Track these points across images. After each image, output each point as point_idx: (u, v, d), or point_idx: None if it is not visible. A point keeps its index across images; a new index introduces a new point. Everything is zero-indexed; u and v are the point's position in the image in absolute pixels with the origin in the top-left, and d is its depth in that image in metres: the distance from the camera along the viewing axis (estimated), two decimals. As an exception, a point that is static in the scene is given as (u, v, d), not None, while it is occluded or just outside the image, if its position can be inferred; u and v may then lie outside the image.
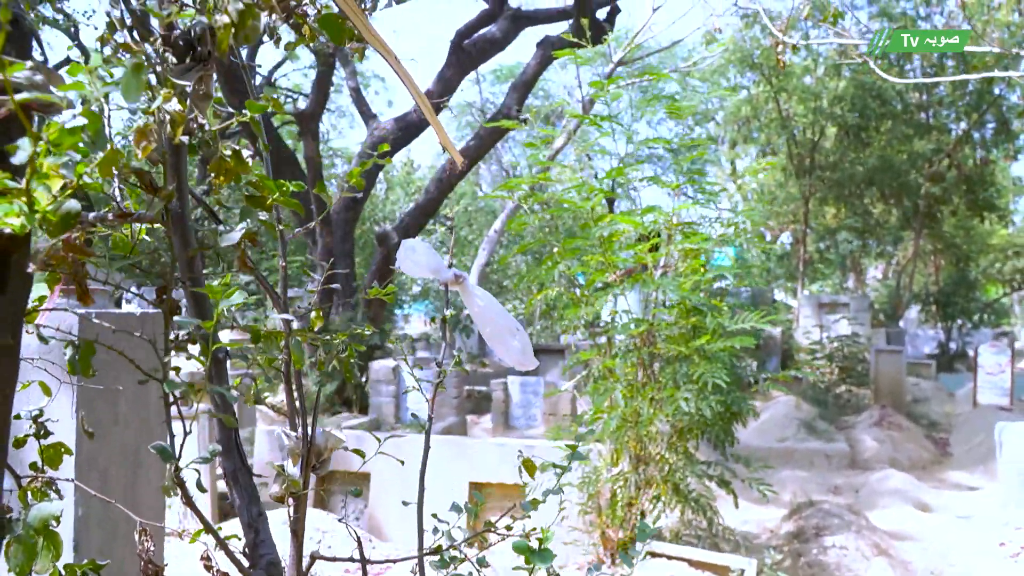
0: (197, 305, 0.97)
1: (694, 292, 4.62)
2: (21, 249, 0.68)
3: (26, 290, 0.72)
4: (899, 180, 15.58)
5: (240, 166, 0.91)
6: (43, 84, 0.68)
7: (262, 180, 0.96)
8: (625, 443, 4.73)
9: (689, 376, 4.47)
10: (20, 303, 0.71)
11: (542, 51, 10.81)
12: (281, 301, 1.32)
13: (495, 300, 1.48)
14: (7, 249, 0.66)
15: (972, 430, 9.22)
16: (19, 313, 0.71)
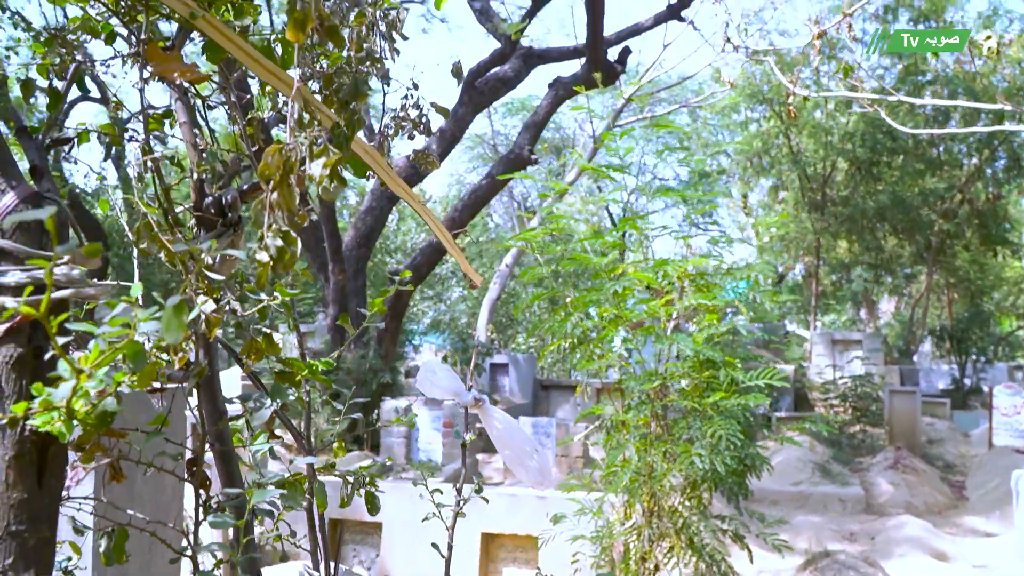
0: (227, 471, 1.00)
1: (708, 346, 4.63)
2: (58, 442, 0.72)
3: (61, 483, 0.75)
4: (911, 216, 15.57)
5: (270, 347, 0.95)
6: (80, 278, 0.72)
7: (292, 362, 1.00)
8: (638, 497, 4.72)
9: (703, 432, 4.47)
10: (56, 495, 0.74)
11: (554, 92, 10.92)
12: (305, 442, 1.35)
13: (513, 421, 1.51)
14: (45, 443, 0.70)
15: (988, 473, 9.14)
16: (55, 505, 0.75)
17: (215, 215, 0.94)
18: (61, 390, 0.66)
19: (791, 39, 16.54)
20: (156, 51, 0.89)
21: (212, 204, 0.94)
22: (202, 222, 0.93)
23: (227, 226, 0.94)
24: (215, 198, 0.95)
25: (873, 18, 15.87)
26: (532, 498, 5.44)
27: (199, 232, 0.93)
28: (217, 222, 0.94)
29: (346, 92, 0.99)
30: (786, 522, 6.21)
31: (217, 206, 0.94)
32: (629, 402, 4.98)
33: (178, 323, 0.66)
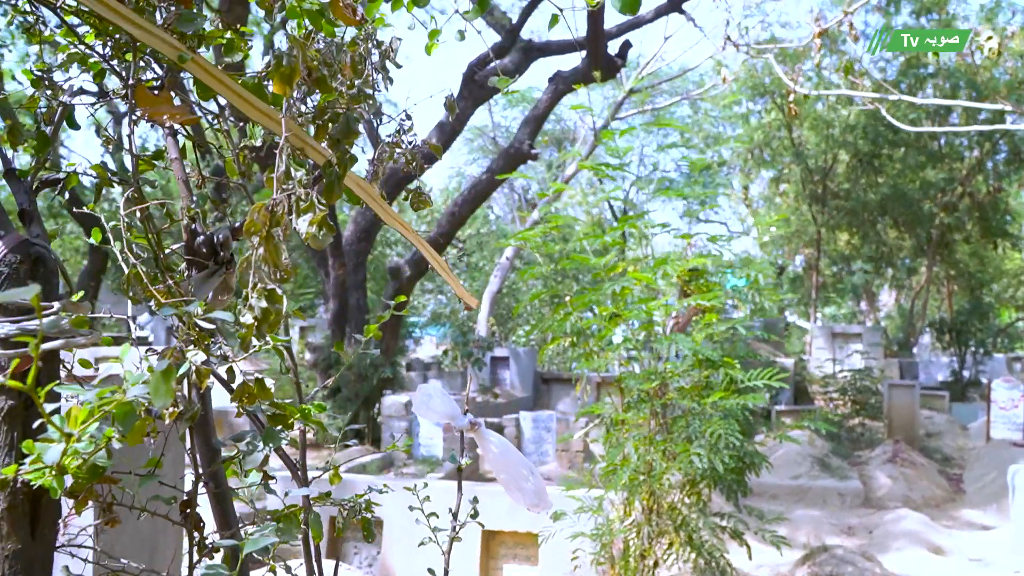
0: (222, 511, 1.01)
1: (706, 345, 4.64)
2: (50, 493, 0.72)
3: (54, 532, 0.76)
4: (911, 209, 15.56)
5: (262, 392, 0.95)
6: (70, 330, 0.72)
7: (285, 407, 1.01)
8: (638, 494, 4.74)
9: (702, 431, 4.50)
10: (50, 544, 0.75)
11: (554, 86, 10.89)
12: (300, 474, 1.36)
13: (510, 444, 1.52)
14: (37, 494, 0.71)
15: (985, 466, 9.17)
16: (49, 554, 0.75)
17: (207, 254, 0.94)
18: (51, 453, 0.67)
19: (793, 31, 16.52)
20: (145, 93, 0.90)
21: (204, 243, 0.95)
22: (193, 262, 0.94)
23: (219, 264, 0.94)
24: (207, 237, 0.95)
25: (876, 10, 15.82)
26: (531, 495, 5.44)
27: (191, 272, 0.93)
28: (209, 261, 0.95)
29: (337, 130, 0.99)
30: (785, 519, 6.24)
31: (209, 245, 0.95)
32: (628, 400, 5.01)
33: (167, 388, 0.67)
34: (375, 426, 10.58)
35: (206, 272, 0.94)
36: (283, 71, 0.88)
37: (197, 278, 0.94)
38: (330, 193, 0.97)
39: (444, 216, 11.25)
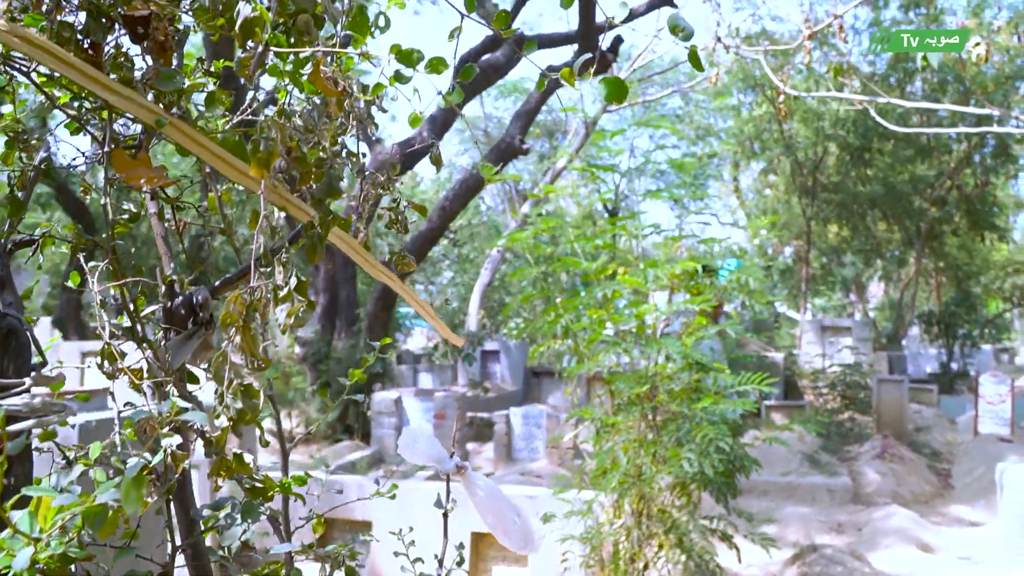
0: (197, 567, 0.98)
1: (697, 349, 4.64)
2: None
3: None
4: (901, 203, 15.62)
5: (241, 467, 0.93)
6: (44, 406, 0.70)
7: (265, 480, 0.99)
8: (627, 498, 4.75)
9: (692, 435, 4.50)
10: None
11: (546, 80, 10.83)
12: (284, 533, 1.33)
13: (497, 488, 1.50)
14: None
15: (973, 461, 9.23)
16: None
17: (185, 316, 0.92)
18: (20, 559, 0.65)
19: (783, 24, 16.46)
20: (122, 157, 0.87)
21: (182, 304, 0.92)
22: (172, 324, 0.91)
23: (198, 325, 0.92)
24: (185, 297, 0.93)
25: (865, 3, 15.78)
26: (523, 498, 5.46)
27: (169, 335, 0.90)
28: (188, 322, 0.92)
29: (319, 190, 0.97)
30: (774, 520, 6.26)
31: (187, 306, 0.92)
32: (619, 402, 5.00)
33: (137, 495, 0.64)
34: (365, 420, 10.56)
35: (184, 335, 0.92)
36: (260, 156, 0.85)
37: (175, 342, 0.91)
38: (312, 255, 0.95)
39: (435, 211, 11.20)
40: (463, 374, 13.70)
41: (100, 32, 0.86)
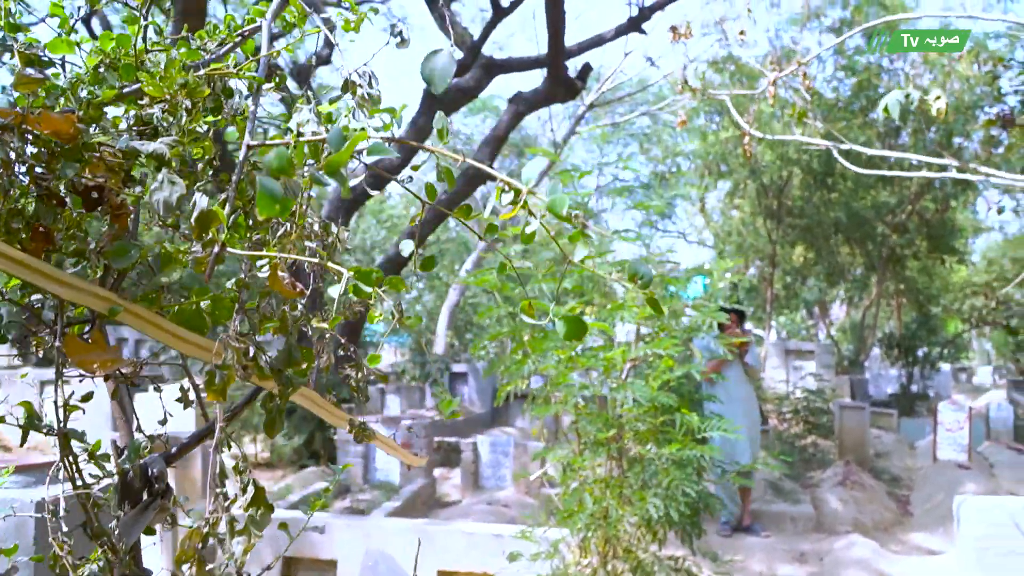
0: None
1: (663, 392, 4.66)
2: None
3: None
4: (864, 228, 15.90)
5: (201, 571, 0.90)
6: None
7: None
8: (593, 539, 4.75)
9: (659, 480, 4.52)
10: None
11: (515, 107, 10.89)
12: None
13: None
14: None
15: (932, 487, 9.38)
16: None
17: (140, 487, 0.90)
18: None
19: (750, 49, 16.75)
20: (74, 342, 0.85)
21: (138, 475, 0.90)
22: (126, 497, 0.89)
23: (154, 496, 0.90)
24: (140, 467, 0.91)
25: (829, 31, 16.12)
26: (488, 536, 5.44)
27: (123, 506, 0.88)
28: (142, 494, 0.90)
29: (279, 361, 0.96)
30: (738, 559, 6.30)
31: (143, 477, 0.90)
32: (585, 440, 5.02)
33: None
34: (331, 446, 10.45)
35: (139, 508, 0.90)
36: (216, 388, 0.84)
37: (129, 517, 0.89)
38: (271, 428, 0.94)
39: (403, 234, 11.16)
40: (431, 397, 13.65)
41: (51, 215, 0.84)
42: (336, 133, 0.86)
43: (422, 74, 0.93)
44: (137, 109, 0.93)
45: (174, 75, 0.89)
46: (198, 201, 0.86)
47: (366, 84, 0.97)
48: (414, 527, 5.63)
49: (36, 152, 0.82)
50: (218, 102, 1.00)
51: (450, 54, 0.90)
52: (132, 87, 0.93)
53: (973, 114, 15.41)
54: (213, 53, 1.00)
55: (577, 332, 0.90)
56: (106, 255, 0.85)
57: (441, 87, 0.91)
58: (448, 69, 0.90)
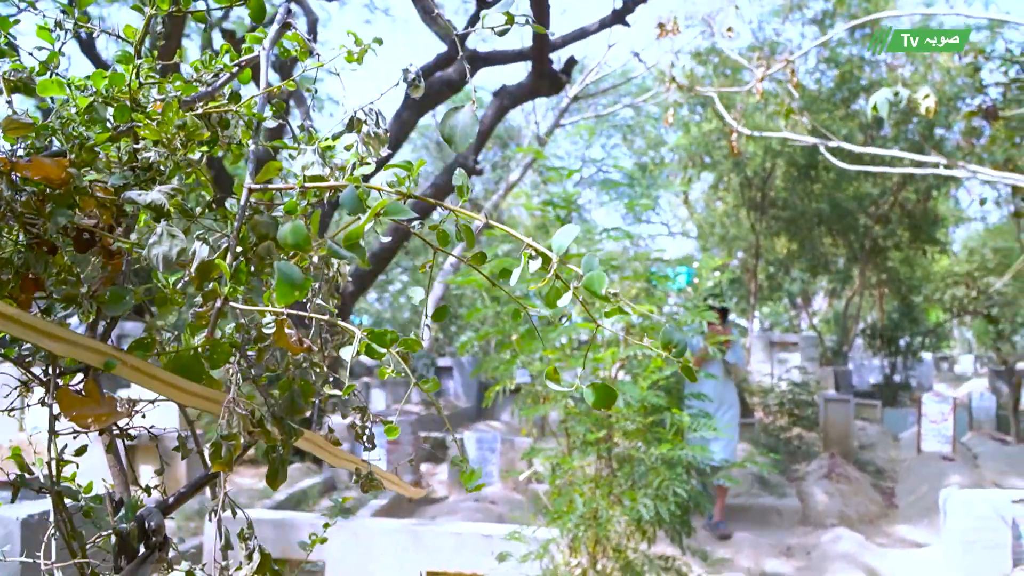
0: None
1: (652, 392, 4.65)
2: None
3: None
4: (846, 220, 15.99)
5: None
6: None
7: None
8: (583, 540, 4.75)
9: (649, 481, 4.52)
10: None
11: (499, 101, 10.83)
12: None
13: None
14: None
15: (916, 480, 9.46)
16: None
17: (137, 539, 0.87)
18: None
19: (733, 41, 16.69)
20: (68, 395, 0.81)
21: (134, 528, 0.87)
22: (123, 551, 0.86)
23: (151, 549, 0.87)
24: (137, 519, 0.88)
25: (812, 23, 16.14)
26: (477, 536, 5.43)
27: (120, 560, 0.85)
28: (139, 547, 0.87)
29: (281, 408, 0.93)
30: (727, 560, 6.32)
31: (140, 530, 0.87)
32: (574, 439, 5.01)
33: None
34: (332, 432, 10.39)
35: (137, 562, 0.87)
36: (222, 460, 0.80)
37: (127, 571, 0.86)
38: (273, 480, 0.91)
39: (390, 230, 11.08)
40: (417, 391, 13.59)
41: (42, 263, 0.80)
42: (350, 194, 0.83)
43: (442, 133, 0.89)
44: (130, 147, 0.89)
45: (172, 117, 0.85)
46: (198, 251, 0.82)
47: (372, 123, 0.94)
48: (403, 527, 5.60)
49: (25, 199, 0.78)
50: (215, 133, 0.96)
51: (472, 111, 0.87)
52: (126, 127, 0.89)
53: (955, 105, 15.49)
54: (209, 85, 0.96)
55: (607, 401, 0.87)
56: (99, 301, 0.81)
57: (463, 147, 0.88)
58: (471, 128, 0.87)
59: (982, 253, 22.74)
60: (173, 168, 0.89)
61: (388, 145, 5.32)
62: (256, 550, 0.91)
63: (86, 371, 0.82)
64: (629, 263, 5.82)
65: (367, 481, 1.11)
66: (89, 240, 0.83)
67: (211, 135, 0.95)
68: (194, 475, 0.99)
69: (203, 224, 0.86)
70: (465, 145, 0.87)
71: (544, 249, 0.84)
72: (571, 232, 0.83)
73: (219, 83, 0.96)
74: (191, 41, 15.49)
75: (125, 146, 0.89)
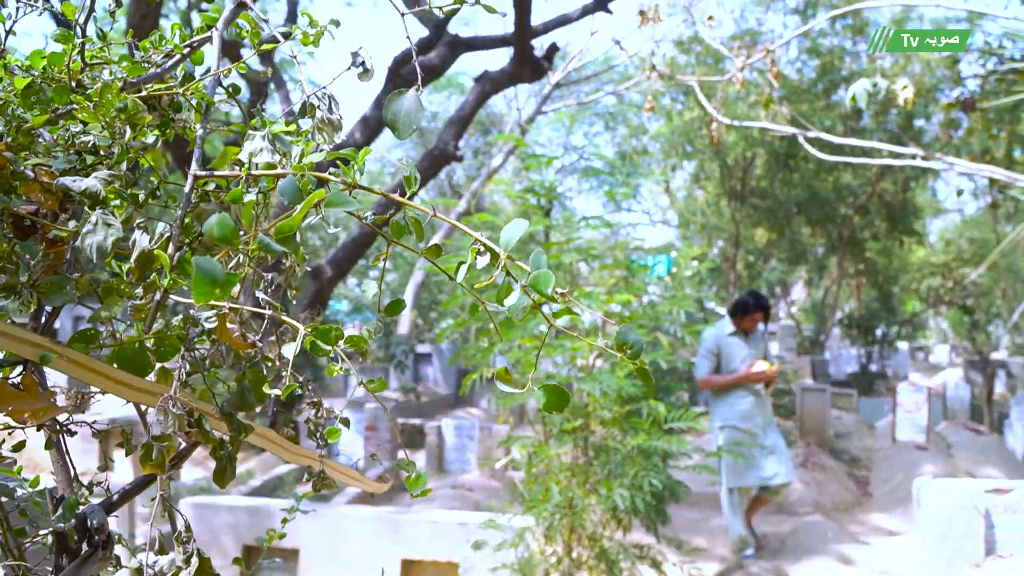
0: None
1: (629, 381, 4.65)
2: None
3: None
4: (825, 210, 16.09)
5: None
6: None
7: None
8: (559, 528, 4.75)
9: (624, 471, 4.52)
10: None
11: (481, 87, 10.75)
12: None
13: None
14: None
15: (891, 469, 9.56)
16: None
17: (79, 540, 0.83)
18: None
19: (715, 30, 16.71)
20: (4, 390, 0.78)
21: (76, 527, 0.84)
22: (64, 551, 0.83)
23: (94, 548, 0.84)
24: (79, 518, 0.84)
25: (794, 12, 16.16)
26: (454, 524, 5.42)
27: (61, 559, 0.82)
28: (81, 546, 0.84)
29: (230, 404, 0.89)
30: (702, 550, 6.35)
31: (81, 529, 0.84)
32: (551, 428, 5.00)
33: None
34: (296, 429, 10.34)
35: (79, 561, 0.83)
36: (155, 463, 0.77)
37: (69, 571, 0.82)
38: (221, 478, 0.88)
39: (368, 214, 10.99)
40: (395, 378, 13.56)
41: (-21, 255, 0.77)
42: (290, 184, 0.79)
43: (385, 118, 0.86)
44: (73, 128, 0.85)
45: (111, 100, 0.81)
46: (138, 240, 0.78)
47: (326, 108, 0.91)
48: (379, 515, 5.58)
49: (-43, 185, 0.75)
50: (166, 117, 0.92)
51: (417, 96, 0.83)
52: (66, 109, 0.85)
53: (934, 97, 15.59)
54: (159, 66, 0.92)
55: (559, 404, 0.85)
56: (39, 290, 0.78)
57: (407, 134, 0.85)
58: (415, 114, 0.84)
59: (958, 244, 22.99)
60: (121, 152, 0.85)
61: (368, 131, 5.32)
62: (194, 554, 0.88)
63: (26, 364, 0.79)
64: (610, 251, 5.81)
65: (319, 480, 1.08)
66: (31, 227, 0.79)
67: (162, 119, 0.91)
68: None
69: (146, 212, 0.83)
70: (409, 131, 0.84)
71: (492, 244, 0.82)
72: (519, 227, 0.80)
73: (168, 64, 0.92)
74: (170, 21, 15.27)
75: (70, 125, 0.85)
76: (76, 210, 0.84)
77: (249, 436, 0.93)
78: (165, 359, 0.88)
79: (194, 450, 0.90)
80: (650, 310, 5.09)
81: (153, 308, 0.83)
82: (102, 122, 0.82)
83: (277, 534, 1.31)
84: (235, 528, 5.83)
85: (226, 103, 0.97)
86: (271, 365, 0.95)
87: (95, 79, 0.86)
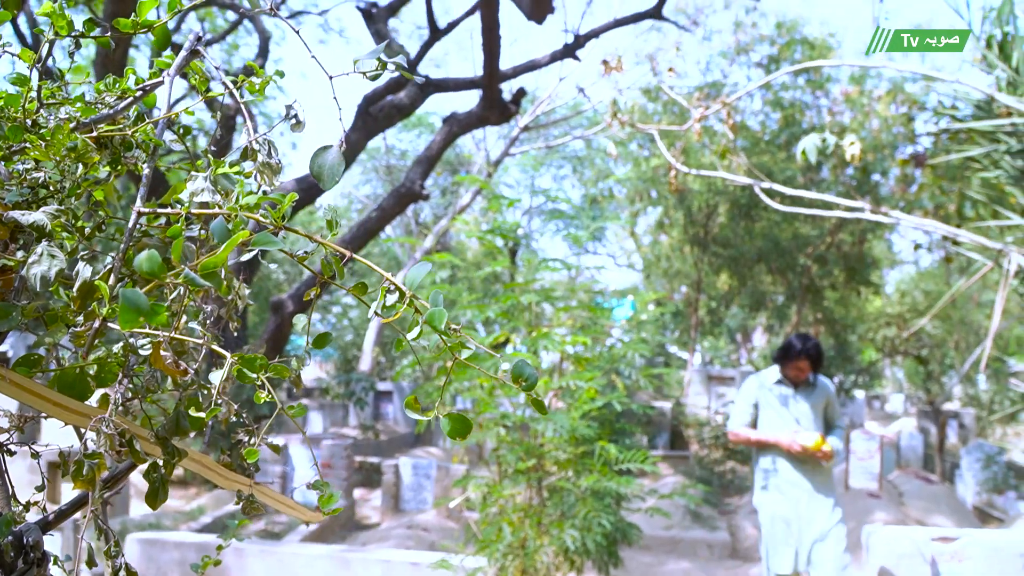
0: None
1: (584, 423, 4.69)
2: None
3: None
4: (785, 259, 16.43)
5: None
6: None
7: None
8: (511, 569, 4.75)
9: (576, 511, 4.54)
10: None
11: (448, 128, 10.90)
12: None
13: None
14: None
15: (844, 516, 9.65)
16: None
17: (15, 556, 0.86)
18: None
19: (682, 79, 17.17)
20: None
21: (12, 543, 0.86)
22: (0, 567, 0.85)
23: (28, 565, 0.86)
24: (14, 536, 0.87)
25: (757, 66, 16.65)
26: (406, 564, 5.38)
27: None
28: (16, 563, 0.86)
29: (165, 429, 0.93)
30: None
31: (17, 547, 0.86)
32: (505, 468, 5.01)
33: None
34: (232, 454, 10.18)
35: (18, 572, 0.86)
36: (84, 479, 0.81)
37: (6, 597, 0.84)
38: (152, 500, 0.91)
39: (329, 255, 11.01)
40: (355, 415, 13.43)
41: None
42: (220, 224, 0.85)
43: (311, 170, 0.92)
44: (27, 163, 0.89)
45: (62, 140, 0.86)
46: (81, 271, 0.83)
47: (265, 152, 0.96)
48: (331, 554, 5.53)
49: (-91, 215, 0.78)
50: (116, 155, 0.97)
51: (339, 151, 0.90)
52: (20, 147, 0.90)
53: (891, 153, 16.09)
54: (112, 107, 0.97)
55: (462, 431, 0.91)
56: (-11, 308, 0.81)
57: (331, 185, 0.91)
58: (338, 167, 0.90)
59: (913, 295, 23.52)
60: (72, 187, 0.90)
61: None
62: (123, 568, 0.91)
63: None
64: (572, 293, 5.89)
65: (247, 504, 1.12)
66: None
67: (113, 157, 0.96)
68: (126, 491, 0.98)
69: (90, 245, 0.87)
70: (333, 183, 0.90)
71: (399, 283, 0.88)
72: (424, 268, 0.88)
73: (121, 106, 0.97)
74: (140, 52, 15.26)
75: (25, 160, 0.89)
76: (27, 240, 0.88)
77: (183, 460, 0.97)
78: (105, 384, 0.91)
79: (130, 472, 0.93)
80: (607, 353, 5.16)
81: (91, 335, 0.87)
82: (53, 160, 0.87)
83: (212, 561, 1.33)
84: (182, 564, 5.72)
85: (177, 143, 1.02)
86: (206, 393, 0.99)
87: (48, 119, 0.91)
